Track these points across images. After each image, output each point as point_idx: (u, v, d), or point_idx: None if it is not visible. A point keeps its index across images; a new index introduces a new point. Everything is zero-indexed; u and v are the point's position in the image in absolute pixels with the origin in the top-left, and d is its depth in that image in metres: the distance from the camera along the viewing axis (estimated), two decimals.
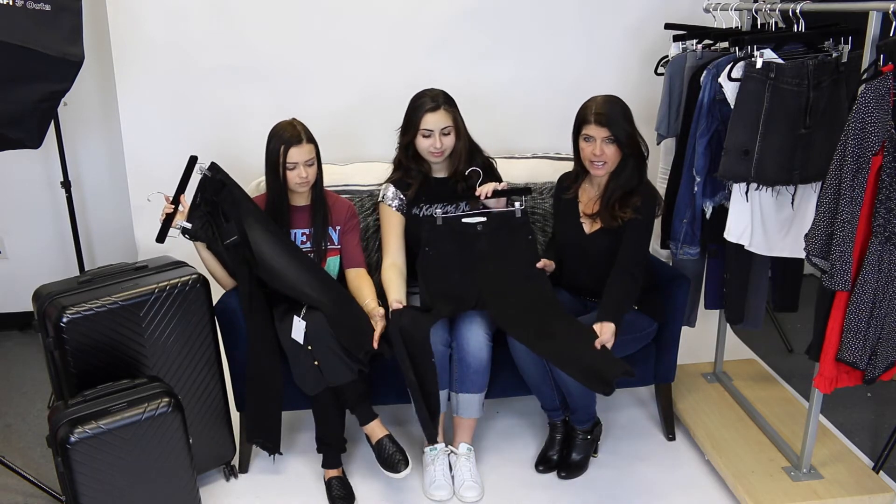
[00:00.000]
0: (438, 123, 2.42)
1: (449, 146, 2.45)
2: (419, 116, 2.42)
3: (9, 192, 3.34)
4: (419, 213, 2.52)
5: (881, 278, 1.91)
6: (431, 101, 2.43)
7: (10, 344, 3.43)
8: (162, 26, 2.98)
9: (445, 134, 2.43)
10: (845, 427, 2.68)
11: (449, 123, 2.43)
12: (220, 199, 2.30)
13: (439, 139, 2.42)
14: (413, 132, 2.45)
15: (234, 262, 2.32)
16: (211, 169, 2.30)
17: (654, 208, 2.38)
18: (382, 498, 2.38)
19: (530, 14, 3.10)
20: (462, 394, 2.34)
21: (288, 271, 2.31)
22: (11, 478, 2.42)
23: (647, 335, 2.45)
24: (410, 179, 2.52)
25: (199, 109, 3.08)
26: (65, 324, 2.03)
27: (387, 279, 2.43)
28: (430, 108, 2.42)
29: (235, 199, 2.31)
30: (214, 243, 2.32)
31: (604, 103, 2.33)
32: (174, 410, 2.05)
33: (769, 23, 2.43)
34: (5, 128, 2.23)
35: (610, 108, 2.31)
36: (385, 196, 2.53)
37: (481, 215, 2.44)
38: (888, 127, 1.80)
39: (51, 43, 2.19)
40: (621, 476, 2.46)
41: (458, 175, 2.51)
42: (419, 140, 2.45)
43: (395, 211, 2.51)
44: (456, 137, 2.46)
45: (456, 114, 2.46)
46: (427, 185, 2.52)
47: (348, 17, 3.04)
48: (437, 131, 2.42)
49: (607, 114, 2.30)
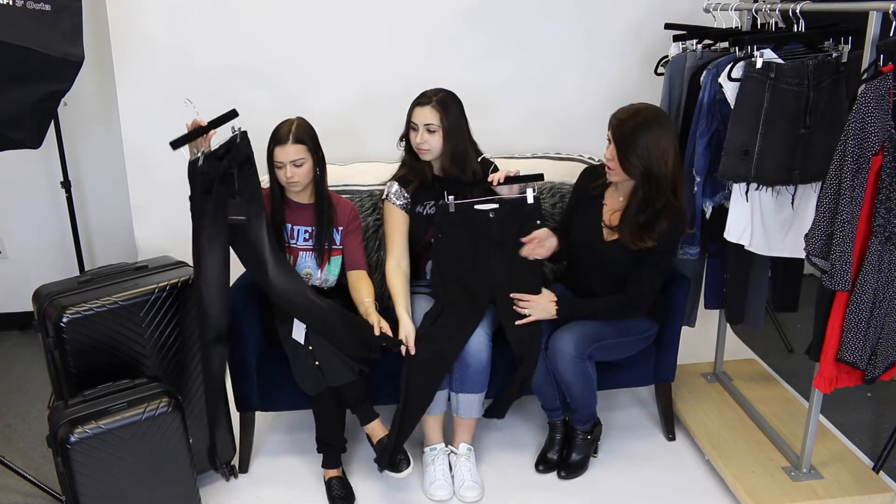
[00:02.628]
0: (423, 119, 2.40)
1: (432, 145, 2.42)
2: (410, 109, 2.44)
3: (9, 192, 3.34)
4: (422, 212, 2.52)
5: (881, 278, 1.91)
6: (425, 96, 2.43)
7: (10, 344, 3.43)
8: (162, 26, 2.98)
9: (430, 131, 2.41)
10: (845, 427, 2.68)
11: (433, 121, 2.40)
12: (240, 172, 2.18)
13: (422, 135, 2.41)
14: (406, 128, 2.47)
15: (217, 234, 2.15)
16: (242, 136, 2.20)
17: (679, 234, 2.28)
18: (382, 498, 2.38)
19: (530, 14, 3.10)
20: (462, 394, 2.34)
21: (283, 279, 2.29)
22: (11, 478, 2.42)
23: (648, 337, 2.45)
24: (412, 176, 2.52)
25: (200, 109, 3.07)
26: (65, 324, 2.03)
27: (393, 286, 2.40)
28: (420, 102, 2.43)
29: (255, 187, 2.24)
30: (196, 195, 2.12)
31: (628, 117, 2.18)
32: (174, 410, 2.05)
33: (769, 23, 2.43)
34: (5, 128, 2.23)
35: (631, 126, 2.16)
36: (389, 194, 2.52)
37: (493, 202, 2.43)
38: (888, 127, 1.80)
39: (51, 43, 2.19)
40: (621, 476, 2.46)
41: (448, 174, 2.49)
42: (410, 133, 2.46)
43: (399, 209, 2.50)
44: (444, 138, 2.42)
45: (446, 115, 2.40)
46: (425, 183, 2.52)
47: (348, 17, 3.04)
48: (422, 126, 2.41)
49: (622, 130, 2.17)
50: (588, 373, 2.31)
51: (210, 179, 2.12)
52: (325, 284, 2.48)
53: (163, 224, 3.22)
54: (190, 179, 2.11)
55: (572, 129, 3.17)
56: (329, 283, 2.48)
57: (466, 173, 2.47)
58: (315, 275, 2.46)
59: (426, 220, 2.51)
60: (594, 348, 2.30)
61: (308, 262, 2.45)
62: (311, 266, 2.45)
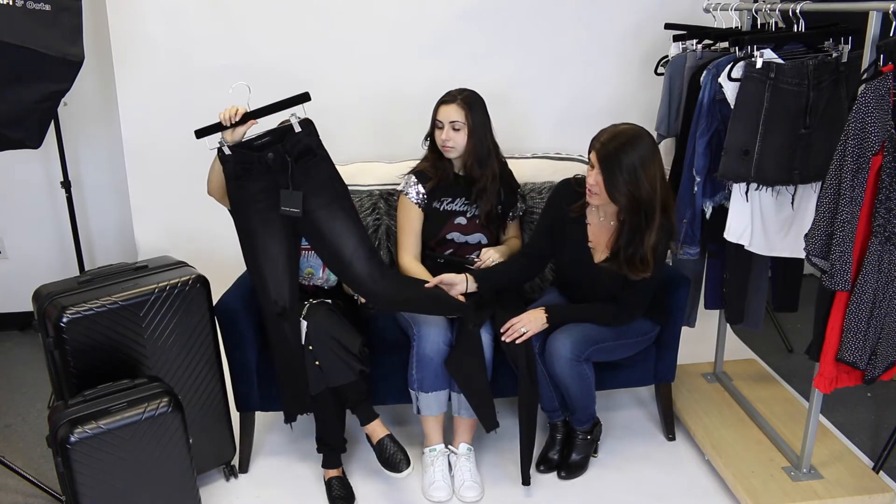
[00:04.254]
0: (449, 116, 2.43)
1: (457, 142, 2.45)
2: (436, 107, 2.47)
3: (9, 192, 3.34)
4: (439, 208, 2.53)
5: (881, 278, 1.91)
6: (450, 94, 2.46)
7: (10, 344, 3.43)
8: (162, 26, 2.98)
9: (455, 129, 2.43)
10: (845, 427, 2.68)
11: (460, 119, 2.43)
12: (299, 163, 2.14)
13: (448, 132, 2.43)
14: (432, 126, 2.49)
15: (273, 217, 2.14)
16: (304, 124, 2.14)
17: (668, 247, 2.25)
18: (382, 498, 2.38)
19: (530, 14, 3.10)
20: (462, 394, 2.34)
21: (359, 262, 2.28)
22: (11, 478, 2.42)
23: (649, 339, 2.45)
24: (431, 173, 2.53)
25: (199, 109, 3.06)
26: (65, 324, 2.03)
27: (414, 271, 2.47)
28: (445, 100, 2.46)
29: (327, 178, 2.22)
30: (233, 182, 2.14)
31: (610, 139, 2.07)
32: (174, 410, 2.05)
33: (769, 23, 2.43)
34: (5, 128, 2.23)
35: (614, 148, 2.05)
36: (406, 188, 2.54)
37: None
38: (888, 127, 1.80)
39: (51, 43, 2.19)
40: (621, 476, 2.46)
41: (470, 173, 2.51)
42: (435, 132, 2.48)
43: (414, 205, 2.52)
44: (468, 135, 2.45)
45: (472, 112, 2.44)
46: (448, 179, 2.53)
47: (348, 17, 3.04)
48: (447, 124, 2.43)
49: (606, 153, 2.07)
50: (585, 374, 2.31)
51: (243, 169, 2.14)
52: (326, 284, 2.48)
53: (163, 224, 3.22)
54: (223, 164, 2.16)
55: (572, 129, 3.16)
56: (331, 282, 2.48)
57: (487, 172, 2.49)
58: (317, 274, 2.46)
59: (442, 216, 2.53)
60: (592, 350, 2.29)
61: (311, 261, 2.44)
62: (313, 265, 2.45)
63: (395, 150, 2.93)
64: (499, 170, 2.54)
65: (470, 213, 2.54)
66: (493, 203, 2.52)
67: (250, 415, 2.48)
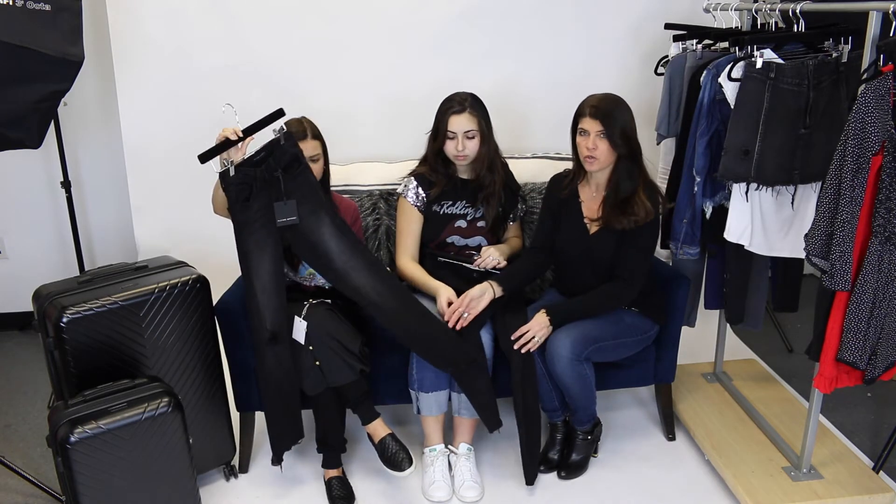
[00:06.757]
0: (462, 126, 2.42)
1: (473, 150, 2.45)
2: (446, 119, 2.44)
3: (9, 192, 3.34)
4: (440, 211, 2.53)
5: (881, 278, 1.91)
6: (458, 104, 2.44)
7: (10, 344, 3.43)
8: (162, 26, 2.98)
9: (470, 137, 2.43)
10: (845, 427, 2.68)
11: (473, 127, 2.43)
12: (286, 174, 2.15)
13: (462, 142, 2.43)
14: (442, 137, 2.46)
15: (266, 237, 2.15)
16: (286, 136, 2.16)
17: (658, 207, 2.33)
18: (382, 498, 2.38)
19: (530, 14, 3.10)
20: (463, 394, 2.34)
21: (355, 273, 2.26)
22: (11, 478, 2.42)
23: (649, 338, 2.45)
24: (435, 178, 2.52)
25: (199, 109, 3.08)
26: (65, 324, 2.03)
27: (413, 272, 2.48)
28: (455, 110, 2.43)
29: (312, 185, 2.22)
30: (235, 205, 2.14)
31: (601, 99, 2.29)
32: (174, 410, 2.05)
33: (769, 23, 2.43)
34: (5, 128, 2.23)
35: (606, 104, 2.27)
36: (406, 192, 2.53)
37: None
38: (888, 127, 1.80)
39: (51, 43, 2.19)
40: (621, 476, 2.46)
41: (481, 179, 2.51)
42: (446, 143, 2.46)
43: (413, 207, 2.52)
44: (481, 142, 2.46)
45: (481, 118, 2.45)
46: (452, 184, 2.53)
47: (347, 17, 3.04)
48: (461, 134, 2.43)
49: (602, 108, 2.26)
50: (585, 374, 2.31)
51: (248, 188, 2.13)
52: (326, 284, 2.48)
53: (163, 224, 3.22)
54: (224, 190, 2.13)
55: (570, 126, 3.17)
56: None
57: (496, 178, 2.51)
58: (317, 274, 2.45)
59: (443, 219, 2.52)
60: (592, 350, 2.29)
61: None
62: None
63: (395, 150, 2.93)
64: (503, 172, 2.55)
65: (470, 217, 2.54)
66: (496, 206, 2.52)
67: (250, 415, 2.48)
